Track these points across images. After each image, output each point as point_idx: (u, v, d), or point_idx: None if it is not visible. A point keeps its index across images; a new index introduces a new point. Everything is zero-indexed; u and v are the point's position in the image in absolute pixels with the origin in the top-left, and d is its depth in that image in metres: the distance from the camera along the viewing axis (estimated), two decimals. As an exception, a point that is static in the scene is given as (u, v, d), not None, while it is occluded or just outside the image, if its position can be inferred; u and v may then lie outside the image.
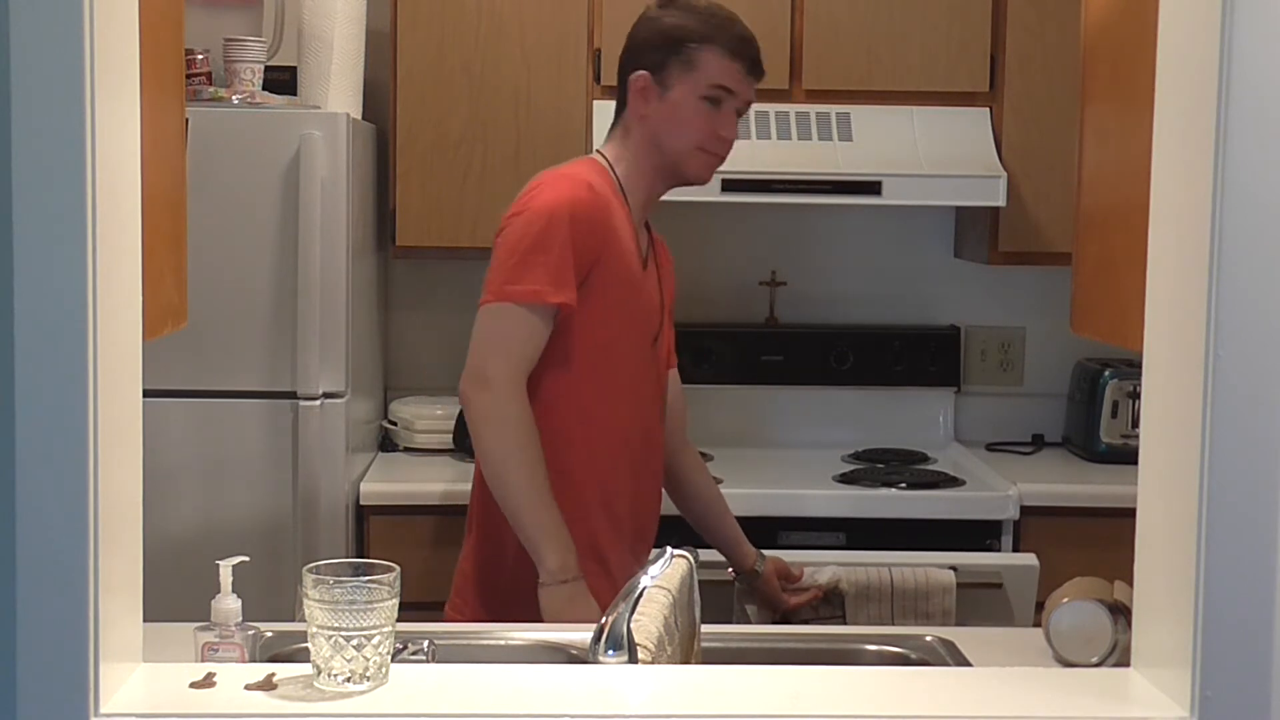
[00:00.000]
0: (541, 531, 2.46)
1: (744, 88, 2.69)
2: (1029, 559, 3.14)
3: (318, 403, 3.32)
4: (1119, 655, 2.07)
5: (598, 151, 2.74)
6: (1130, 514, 1.77)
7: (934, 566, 3.01)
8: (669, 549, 1.96)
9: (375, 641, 1.68)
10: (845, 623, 2.94)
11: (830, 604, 2.95)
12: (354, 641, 1.67)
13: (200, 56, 3.51)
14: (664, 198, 2.77)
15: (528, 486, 2.47)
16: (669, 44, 2.65)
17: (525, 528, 2.47)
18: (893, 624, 2.97)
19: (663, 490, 2.83)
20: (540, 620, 2.43)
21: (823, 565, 2.93)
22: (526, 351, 2.51)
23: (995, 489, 3.53)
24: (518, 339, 2.51)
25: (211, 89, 3.45)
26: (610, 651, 1.81)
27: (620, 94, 2.71)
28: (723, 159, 2.71)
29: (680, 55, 2.64)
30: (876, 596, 3.02)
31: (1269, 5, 1.55)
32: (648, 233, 2.77)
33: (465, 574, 2.65)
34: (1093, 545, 3.28)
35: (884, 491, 3.53)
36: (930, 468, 3.77)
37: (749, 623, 2.85)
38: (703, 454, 3.72)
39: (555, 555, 2.44)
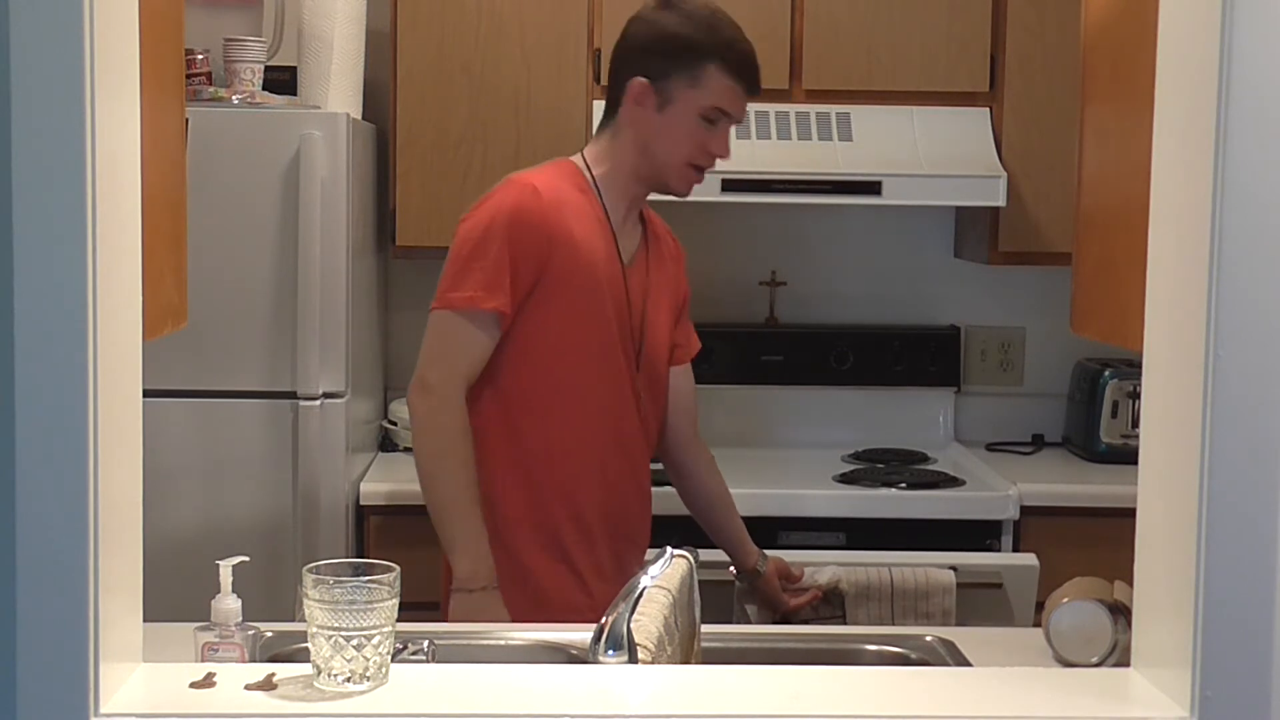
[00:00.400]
0: (456, 540, 2.53)
1: (740, 108, 2.67)
2: (1029, 559, 3.14)
3: (318, 403, 3.32)
4: (1119, 655, 2.07)
5: (580, 152, 2.72)
6: (1130, 514, 1.77)
7: (934, 566, 3.01)
8: (669, 549, 1.96)
9: (375, 641, 1.68)
10: (845, 623, 2.94)
11: (830, 604, 2.95)
12: (354, 641, 1.67)
13: (200, 56, 3.51)
14: (661, 197, 2.76)
15: (451, 494, 2.54)
16: (672, 53, 2.61)
17: (443, 532, 2.55)
18: (893, 624, 2.97)
19: (652, 490, 2.81)
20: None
21: (823, 565, 2.93)
22: (467, 358, 2.55)
23: (995, 489, 3.53)
24: (457, 345, 2.55)
25: (211, 89, 3.45)
26: (610, 651, 1.81)
27: (613, 94, 2.69)
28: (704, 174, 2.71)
29: (683, 69, 2.60)
30: (876, 596, 3.01)
31: (1269, 5, 1.55)
32: (642, 228, 2.75)
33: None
34: (1093, 545, 3.28)
35: (884, 491, 3.53)
36: (930, 468, 3.77)
37: (749, 622, 2.85)
38: (703, 453, 3.75)
39: (467, 562, 2.51)
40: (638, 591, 1.85)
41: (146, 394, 1.72)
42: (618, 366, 2.66)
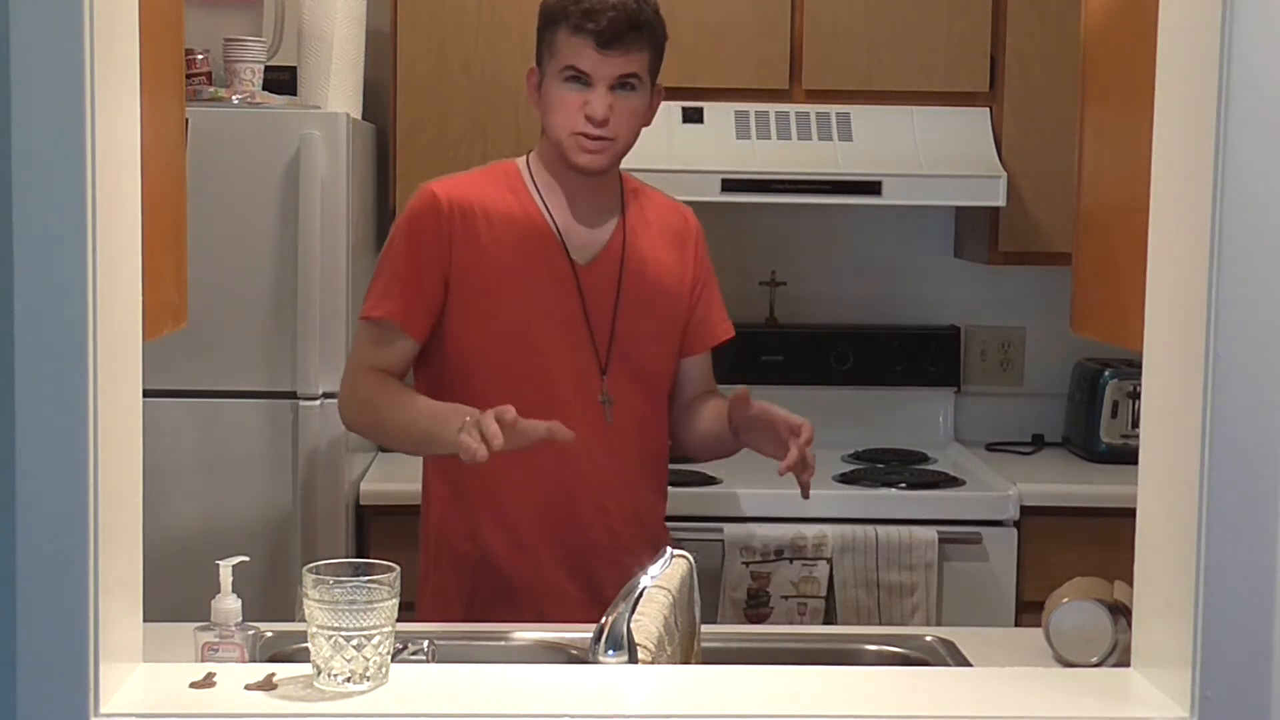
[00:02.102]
0: (431, 422, 2.42)
1: (595, 63, 2.47)
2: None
3: (318, 403, 3.32)
4: (1119, 655, 2.07)
5: (529, 152, 2.66)
6: (1130, 514, 1.77)
7: (917, 525, 3.35)
8: (669, 549, 1.96)
9: (375, 641, 1.68)
10: (832, 572, 3.23)
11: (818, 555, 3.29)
12: (354, 641, 1.67)
13: (200, 56, 3.51)
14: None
15: (395, 415, 2.51)
16: (539, 32, 2.56)
17: (418, 437, 2.47)
18: (877, 575, 3.30)
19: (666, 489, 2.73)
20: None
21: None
22: (369, 358, 2.56)
23: (995, 489, 3.53)
24: (360, 352, 2.60)
25: (211, 89, 3.45)
26: (610, 651, 1.81)
27: None
28: (609, 140, 2.50)
29: (544, 42, 2.54)
30: (861, 549, 3.32)
31: (1269, 5, 1.55)
32: (620, 219, 2.62)
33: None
34: (1093, 545, 3.28)
35: (884, 491, 3.53)
36: (930, 468, 3.77)
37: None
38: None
39: (454, 422, 2.33)
40: (638, 591, 1.85)
41: (146, 394, 1.72)
42: (562, 372, 2.54)
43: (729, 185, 3.56)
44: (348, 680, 1.67)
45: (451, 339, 2.55)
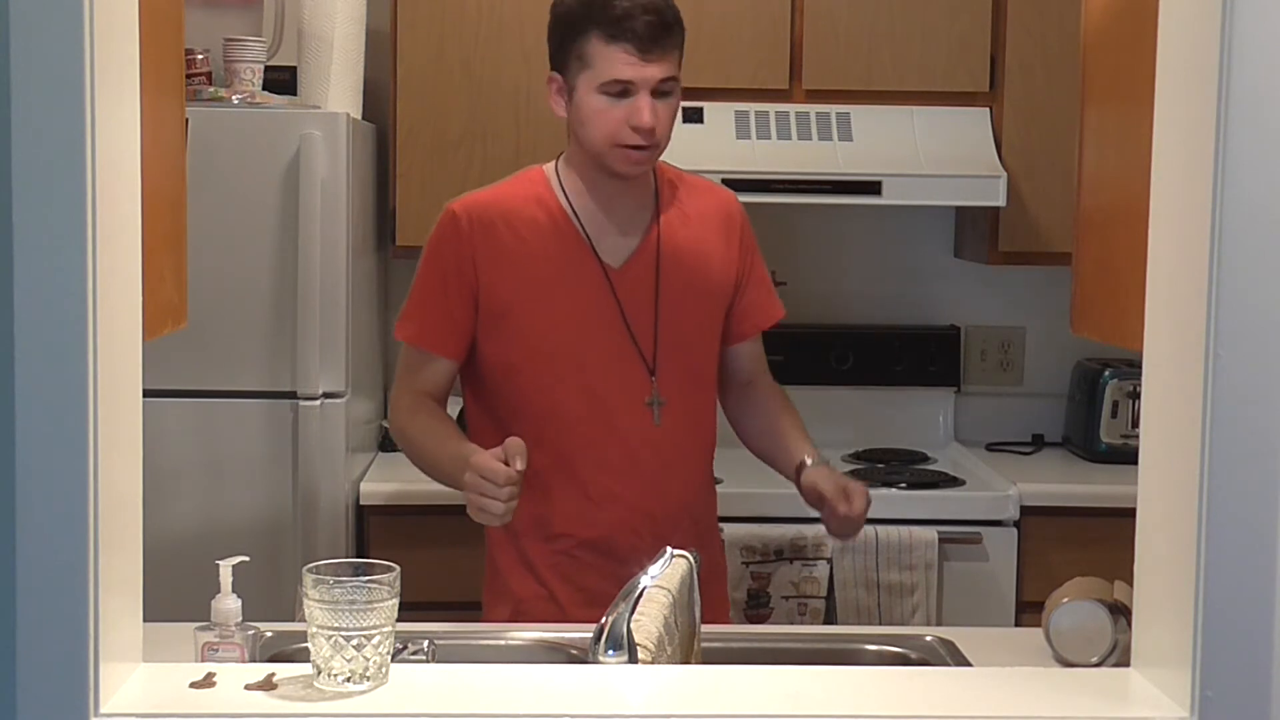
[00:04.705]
0: (451, 462, 2.39)
1: (639, 71, 2.39)
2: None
3: (318, 403, 3.32)
4: (1119, 655, 2.07)
5: (559, 156, 2.61)
6: (1130, 514, 1.77)
7: (917, 525, 3.37)
8: (669, 549, 1.96)
9: (375, 641, 1.68)
10: (832, 570, 3.24)
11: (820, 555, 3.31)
12: (354, 641, 1.67)
13: (200, 56, 3.51)
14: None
15: (423, 455, 2.51)
16: (560, 39, 2.48)
17: (443, 470, 2.44)
18: (877, 575, 3.31)
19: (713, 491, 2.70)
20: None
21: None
22: (410, 386, 2.57)
23: (995, 489, 3.53)
24: (400, 374, 2.62)
25: (211, 89, 3.45)
26: (610, 651, 1.81)
27: None
28: (653, 147, 2.45)
29: (571, 51, 2.45)
30: (861, 549, 3.34)
31: (1269, 5, 1.55)
32: (653, 214, 2.56)
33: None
34: (1093, 545, 3.29)
35: (884, 491, 3.53)
36: (930, 468, 3.77)
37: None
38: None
39: (459, 477, 2.32)
40: (638, 591, 1.85)
41: (146, 394, 1.72)
42: (604, 378, 2.51)
43: (729, 185, 3.53)
44: (347, 680, 1.67)
45: (487, 353, 2.53)
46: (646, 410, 2.53)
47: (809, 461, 2.60)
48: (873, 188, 3.60)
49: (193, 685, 1.69)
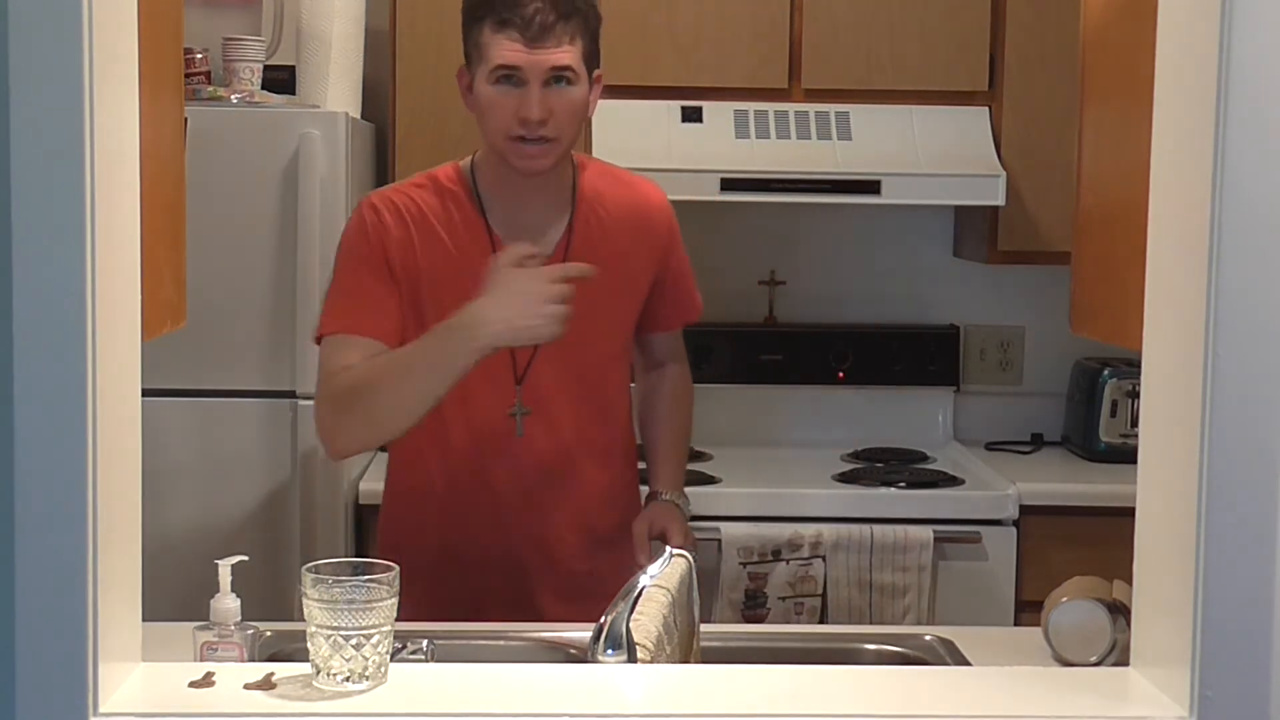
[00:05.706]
0: (417, 354, 2.28)
1: (529, 58, 2.31)
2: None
3: (317, 402, 3.32)
4: (1118, 655, 2.07)
5: (475, 151, 2.54)
6: (1130, 514, 1.77)
7: (913, 526, 3.36)
8: (668, 549, 1.96)
9: (374, 641, 1.68)
10: (826, 569, 3.25)
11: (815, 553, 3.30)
12: (353, 641, 1.67)
13: (199, 56, 3.51)
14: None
15: (382, 372, 2.30)
16: (463, 30, 2.42)
17: (415, 372, 2.28)
18: (870, 575, 3.31)
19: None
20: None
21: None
22: (326, 368, 2.40)
23: (995, 488, 3.53)
24: (324, 367, 2.40)
25: (210, 88, 3.45)
26: (609, 651, 1.81)
27: None
28: (551, 140, 2.36)
29: (469, 41, 2.39)
30: (856, 548, 3.33)
31: (1269, 5, 1.55)
32: (570, 214, 2.47)
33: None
34: (1092, 545, 3.28)
35: (883, 491, 3.53)
36: (929, 467, 3.77)
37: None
38: (702, 453, 3.75)
39: (440, 325, 2.25)
40: (637, 591, 1.85)
41: (146, 394, 1.72)
42: (478, 385, 2.37)
43: (728, 185, 3.56)
44: (347, 680, 1.67)
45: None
46: (509, 420, 2.46)
47: (663, 495, 2.60)
48: (872, 187, 3.60)
49: (192, 685, 1.69)
